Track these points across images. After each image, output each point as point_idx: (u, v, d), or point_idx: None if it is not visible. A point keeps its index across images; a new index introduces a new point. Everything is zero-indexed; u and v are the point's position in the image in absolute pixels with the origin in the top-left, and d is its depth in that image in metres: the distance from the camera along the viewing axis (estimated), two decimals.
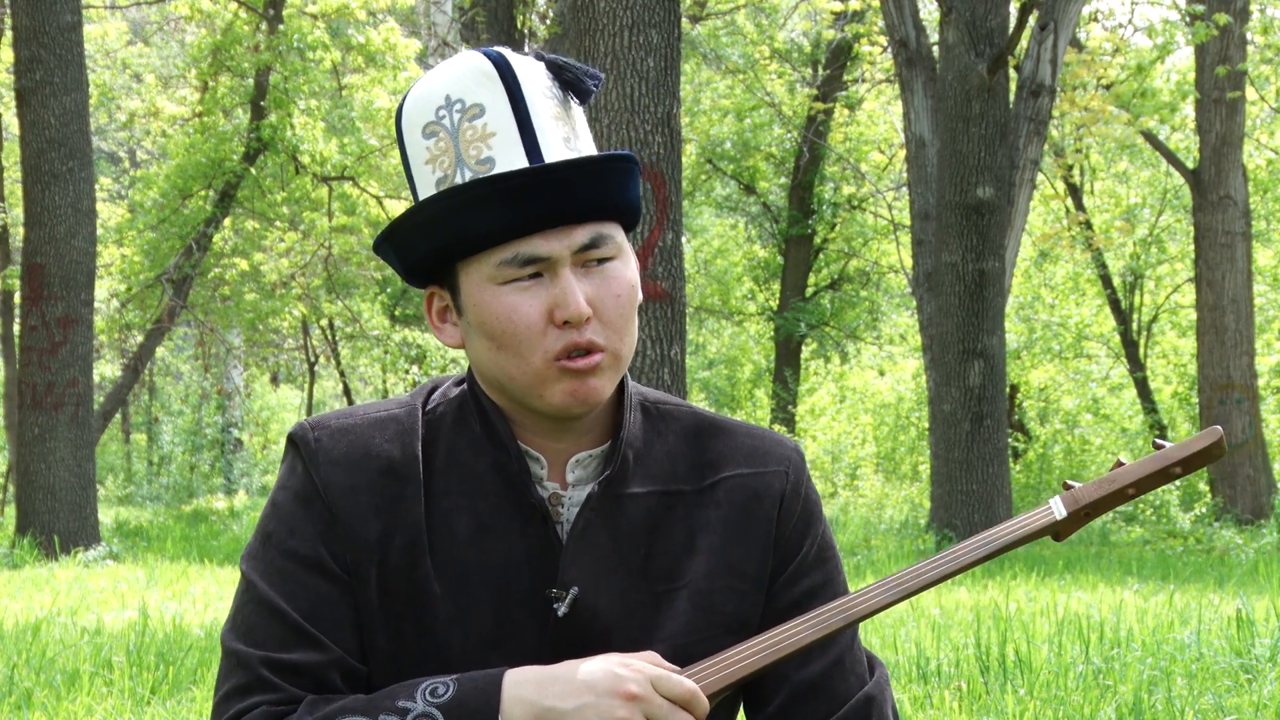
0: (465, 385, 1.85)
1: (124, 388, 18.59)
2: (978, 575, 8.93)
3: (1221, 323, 15.34)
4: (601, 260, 1.75)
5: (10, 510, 14.48)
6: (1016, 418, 20.88)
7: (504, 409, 1.81)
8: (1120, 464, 1.80)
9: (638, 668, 1.67)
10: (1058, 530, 1.80)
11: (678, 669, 1.72)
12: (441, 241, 1.74)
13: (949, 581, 8.55)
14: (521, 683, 1.67)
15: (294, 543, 1.77)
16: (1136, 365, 20.21)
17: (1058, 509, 1.78)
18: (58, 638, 5.74)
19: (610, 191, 1.76)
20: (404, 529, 1.78)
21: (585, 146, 1.78)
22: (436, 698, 1.68)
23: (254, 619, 1.76)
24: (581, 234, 1.74)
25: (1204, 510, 15.31)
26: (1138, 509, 16.96)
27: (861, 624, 1.90)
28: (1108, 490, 1.78)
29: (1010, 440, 18.43)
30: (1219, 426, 1.80)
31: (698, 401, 24.63)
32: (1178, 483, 17.39)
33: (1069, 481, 1.79)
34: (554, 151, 1.74)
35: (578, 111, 1.81)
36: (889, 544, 11.90)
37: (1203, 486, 16.64)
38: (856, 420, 23.09)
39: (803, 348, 23.69)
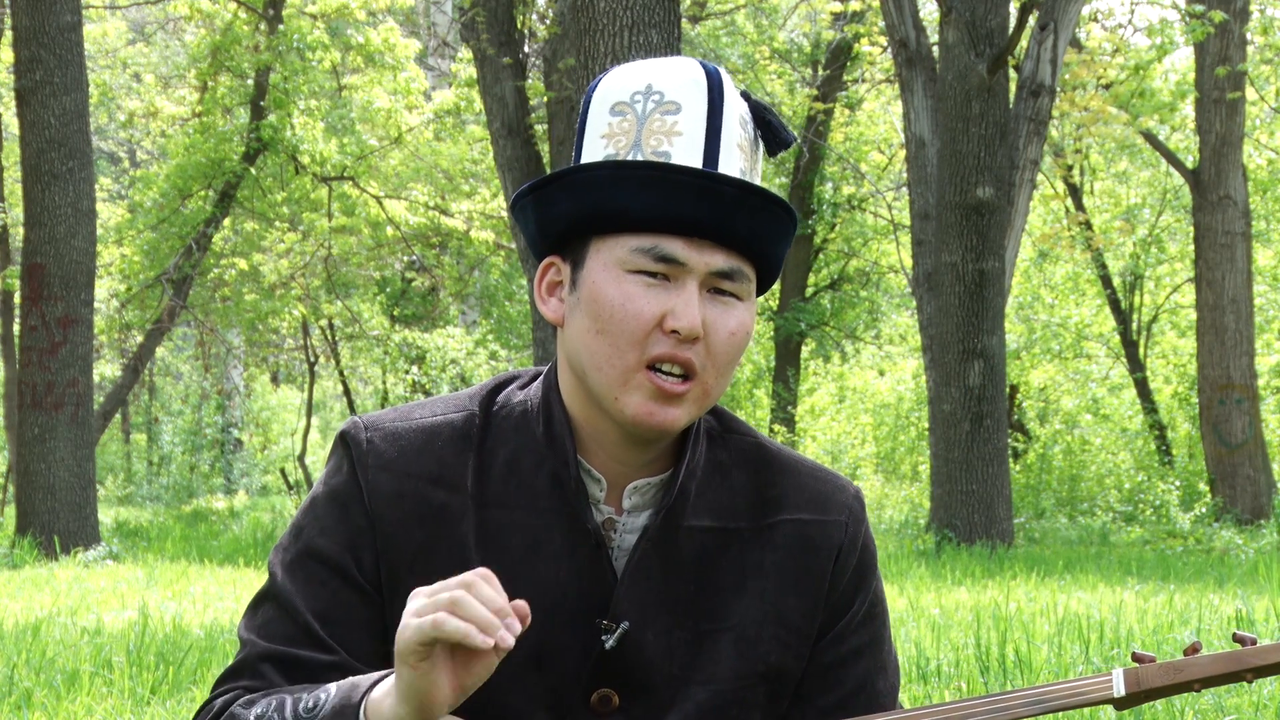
0: (538, 387, 1.81)
1: (124, 388, 18.58)
2: (977, 576, 8.93)
3: (1221, 323, 15.34)
4: (729, 294, 1.71)
5: (10, 510, 14.47)
6: (1016, 418, 20.88)
7: (575, 420, 1.76)
8: (1196, 649, 1.72)
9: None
10: (1115, 703, 1.72)
11: None
12: (589, 208, 1.70)
13: (949, 585, 8.54)
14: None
15: (322, 542, 1.75)
16: (1136, 365, 20.20)
17: (1118, 685, 1.70)
18: (58, 638, 5.73)
19: (764, 233, 1.71)
20: (450, 540, 1.74)
21: None
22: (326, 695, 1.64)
23: (269, 612, 1.75)
24: (722, 259, 1.70)
25: (1204, 510, 15.31)
26: (1138, 509, 16.96)
27: None
28: (1173, 680, 1.70)
29: (1010, 440, 18.41)
30: None
31: None
32: (1176, 482, 17.39)
33: (1139, 653, 1.71)
34: (729, 173, 1.70)
35: (760, 160, 1.78)
36: (889, 544, 11.90)
37: (1202, 487, 16.63)
38: (856, 420, 23.08)
39: (802, 348, 23.68)
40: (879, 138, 22.01)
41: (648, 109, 1.72)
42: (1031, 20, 11.83)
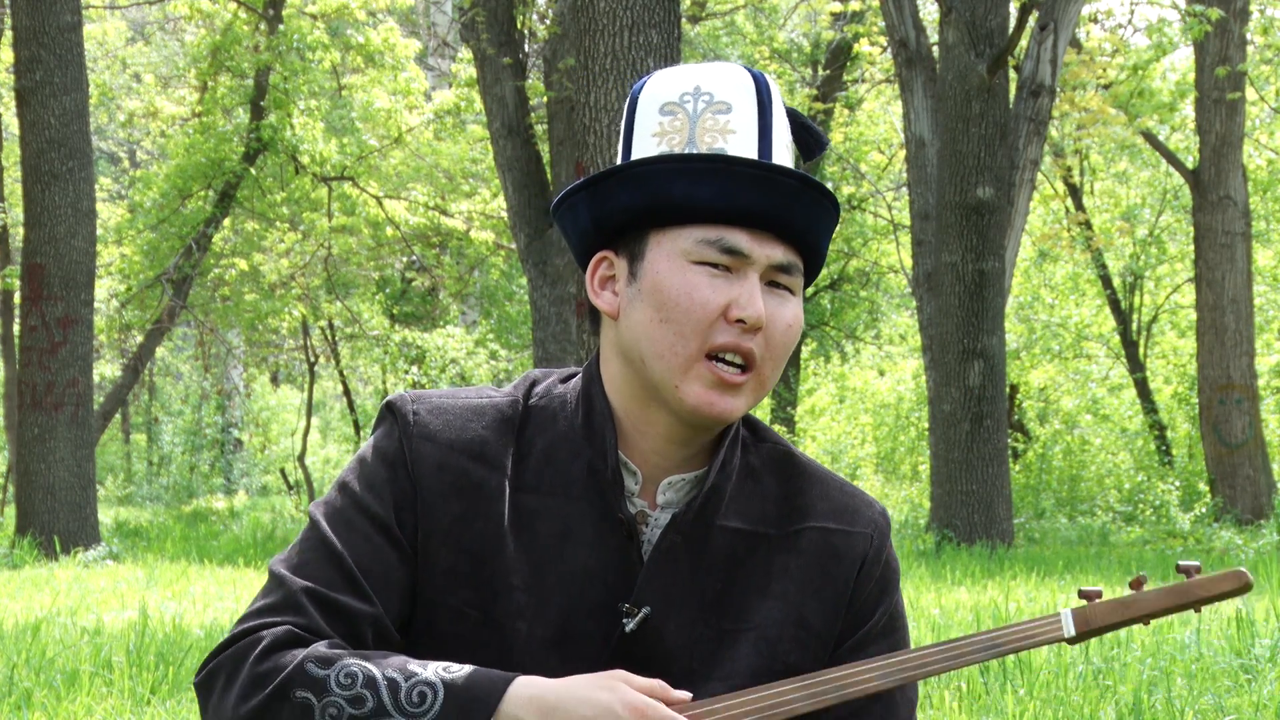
0: (578, 382, 1.84)
1: (124, 388, 18.58)
2: (977, 576, 8.93)
3: (1221, 323, 15.34)
4: (784, 288, 1.76)
5: (10, 510, 14.47)
6: (1016, 418, 20.87)
7: (617, 413, 1.79)
8: (1141, 582, 1.75)
9: (640, 706, 1.63)
10: (1068, 641, 1.77)
11: (681, 697, 1.68)
12: (650, 200, 1.74)
13: (949, 585, 8.54)
14: (519, 705, 1.64)
15: (368, 498, 1.77)
16: (1136, 365, 20.20)
17: (1067, 625, 1.75)
18: (58, 638, 5.73)
19: (818, 227, 1.77)
20: (484, 517, 1.77)
21: None
22: (449, 673, 1.65)
23: (309, 555, 1.76)
24: (781, 252, 1.75)
25: (1204, 510, 15.31)
26: (1138, 509, 16.96)
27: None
28: (1122, 616, 1.75)
29: (1010, 440, 18.41)
30: (1245, 570, 1.74)
31: None
32: (1176, 483, 17.39)
33: (1085, 590, 1.75)
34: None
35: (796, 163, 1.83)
36: None
37: (1202, 487, 16.63)
38: (856, 420, 23.08)
39: (802, 348, 23.68)
40: (879, 138, 22.01)
41: (699, 108, 1.77)
42: (1031, 20, 11.83)
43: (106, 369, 23.34)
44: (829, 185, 22.35)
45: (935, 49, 12.73)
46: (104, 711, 4.30)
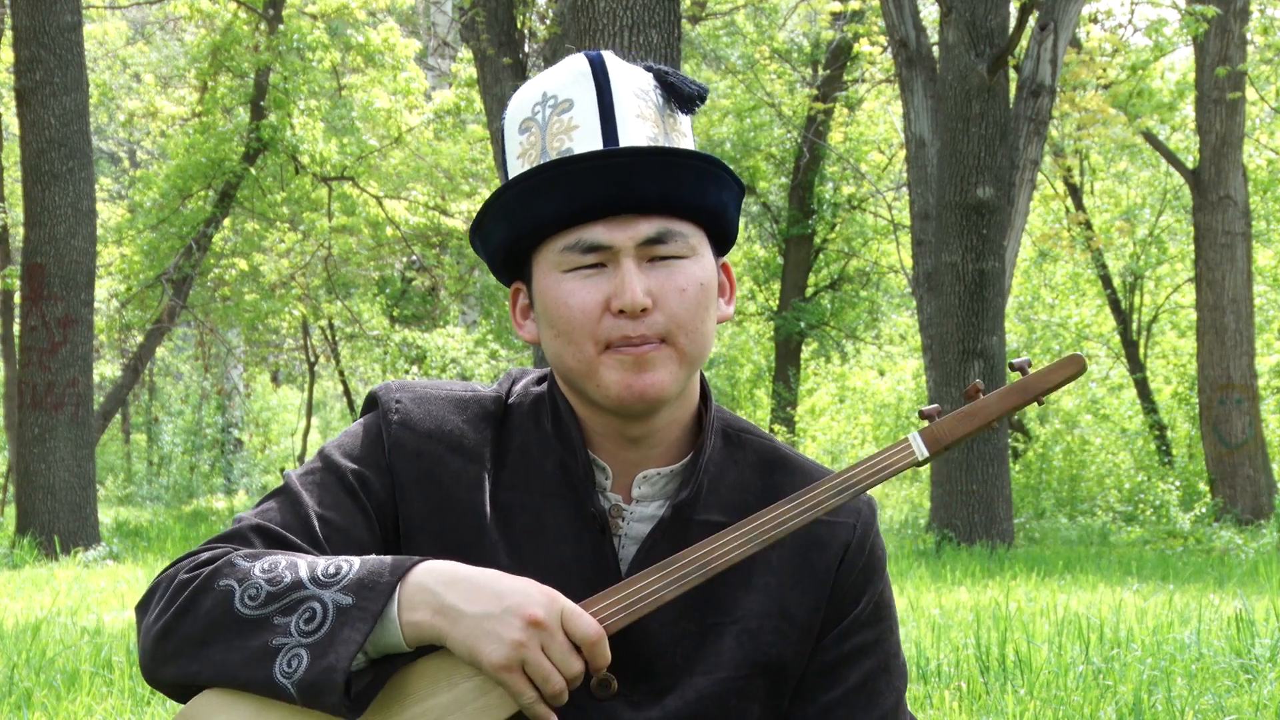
0: (546, 383, 1.86)
1: (124, 388, 18.58)
2: (977, 576, 8.93)
3: (1221, 323, 15.33)
4: (669, 257, 1.74)
5: (10, 510, 14.47)
6: (1016, 418, 20.87)
7: (579, 413, 1.80)
8: (979, 392, 1.73)
9: (550, 598, 1.63)
10: (921, 464, 1.74)
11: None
12: (514, 228, 1.75)
13: (950, 585, 8.53)
14: (431, 571, 1.65)
15: (341, 460, 1.80)
16: (1136, 365, 20.20)
17: (919, 448, 1.73)
18: (58, 638, 5.73)
19: (684, 188, 1.73)
20: (462, 506, 1.78)
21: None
22: (362, 558, 1.68)
23: (271, 502, 1.79)
24: (646, 226, 1.73)
25: (1204, 510, 15.30)
26: (1138, 509, 16.96)
27: None
28: (970, 427, 1.73)
29: (1010, 440, 18.41)
30: (1079, 354, 1.73)
31: None
32: (1176, 482, 17.39)
33: (925, 410, 1.72)
34: (633, 144, 1.73)
35: (680, 121, 1.80)
36: (889, 544, 11.90)
37: (1203, 487, 16.64)
38: (856, 420, 23.07)
39: (803, 348, 23.68)
40: (879, 138, 22.00)
41: (546, 116, 1.77)
42: (1031, 20, 11.83)
43: (106, 369, 23.34)
44: (829, 185, 22.38)
45: (935, 49, 12.73)
46: (104, 711, 4.30)
